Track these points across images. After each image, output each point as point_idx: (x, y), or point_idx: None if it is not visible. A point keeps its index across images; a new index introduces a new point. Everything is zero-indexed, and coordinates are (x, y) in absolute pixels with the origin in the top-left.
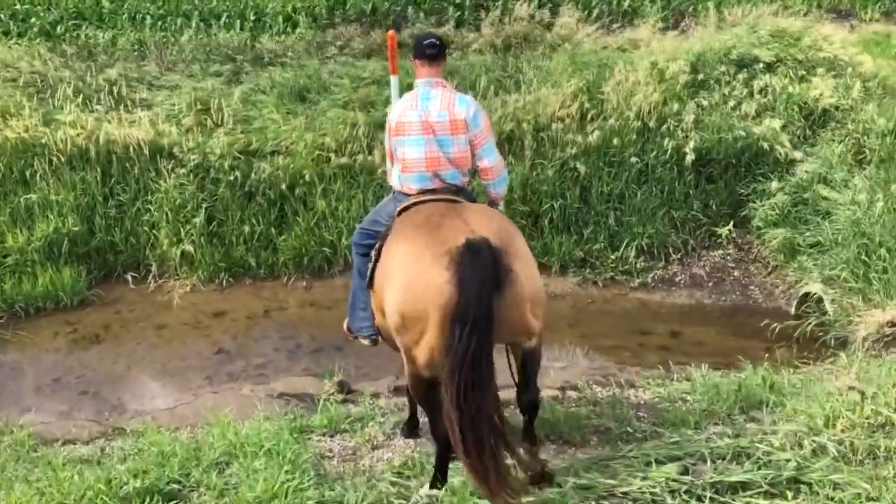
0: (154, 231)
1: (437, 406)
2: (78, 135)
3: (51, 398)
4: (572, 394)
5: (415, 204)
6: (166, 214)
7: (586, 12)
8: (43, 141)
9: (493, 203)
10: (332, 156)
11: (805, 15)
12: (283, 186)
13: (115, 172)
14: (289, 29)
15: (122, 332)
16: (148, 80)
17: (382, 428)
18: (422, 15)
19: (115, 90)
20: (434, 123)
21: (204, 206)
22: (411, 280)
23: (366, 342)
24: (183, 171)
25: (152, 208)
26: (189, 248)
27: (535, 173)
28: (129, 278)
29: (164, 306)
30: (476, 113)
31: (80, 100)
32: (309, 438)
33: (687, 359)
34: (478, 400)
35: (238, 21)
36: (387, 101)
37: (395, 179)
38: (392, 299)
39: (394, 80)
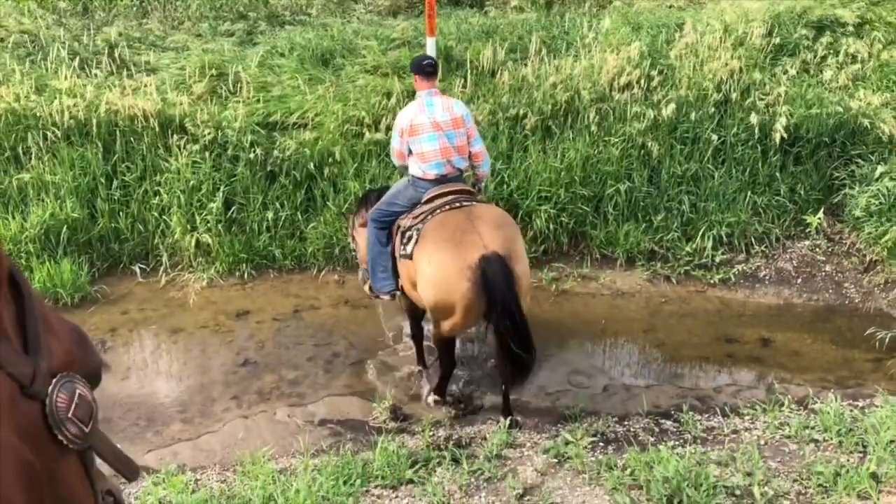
0: (164, 216)
1: (450, 350)
2: (75, 105)
3: None
4: (669, 425)
5: (434, 198)
6: (178, 197)
7: None
8: (36, 112)
9: (479, 179)
10: (366, 131)
11: None
12: (311, 165)
13: (118, 149)
14: None
15: (132, 339)
16: (151, 41)
17: (456, 477)
18: None
19: (116, 53)
20: (441, 122)
21: (221, 187)
22: (443, 284)
23: (386, 297)
24: (196, 147)
25: (162, 190)
26: (205, 237)
27: (596, 151)
28: (138, 270)
29: (179, 305)
30: (467, 113)
31: (76, 63)
32: (366, 489)
33: (785, 373)
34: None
35: None
36: None
37: (415, 169)
38: (428, 292)
39: (430, 42)
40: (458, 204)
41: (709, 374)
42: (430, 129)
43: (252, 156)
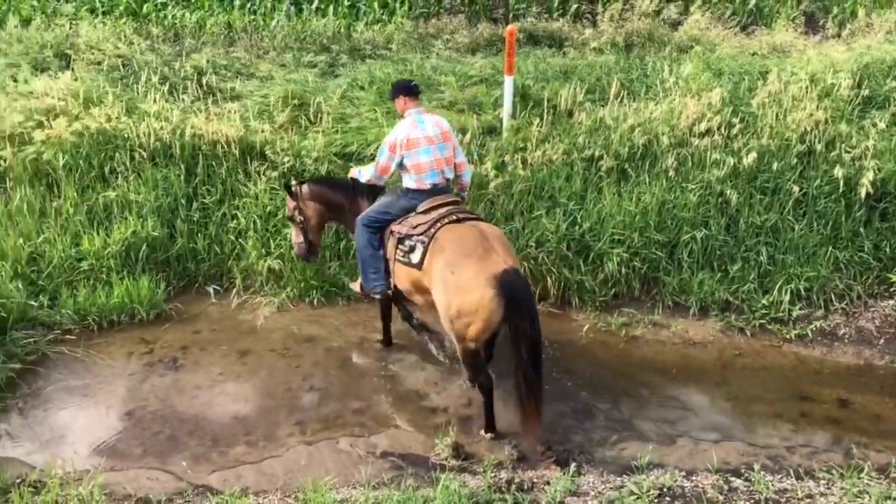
0: (241, 240)
1: (482, 365)
2: (162, 128)
3: (123, 436)
4: (739, 484)
5: (431, 209)
6: (255, 222)
7: (719, 11)
8: (125, 133)
9: (463, 188)
10: None
11: None
12: None
13: (199, 171)
14: (385, 17)
15: (202, 357)
16: (237, 68)
17: None
18: (533, 7)
19: (204, 79)
20: (432, 136)
21: None
22: (469, 291)
23: (377, 296)
24: (275, 174)
25: (240, 214)
26: (278, 262)
27: (673, 196)
28: (212, 291)
29: (249, 328)
30: (450, 128)
31: (165, 88)
32: None
33: (864, 438)
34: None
35: (331, 6)
36: (496, 103)
37: (409, 182)
38: (452, 298)
39: (508, 80)
40: (457, 216)
41: (782, 432)
42: (424, 143)
43: None
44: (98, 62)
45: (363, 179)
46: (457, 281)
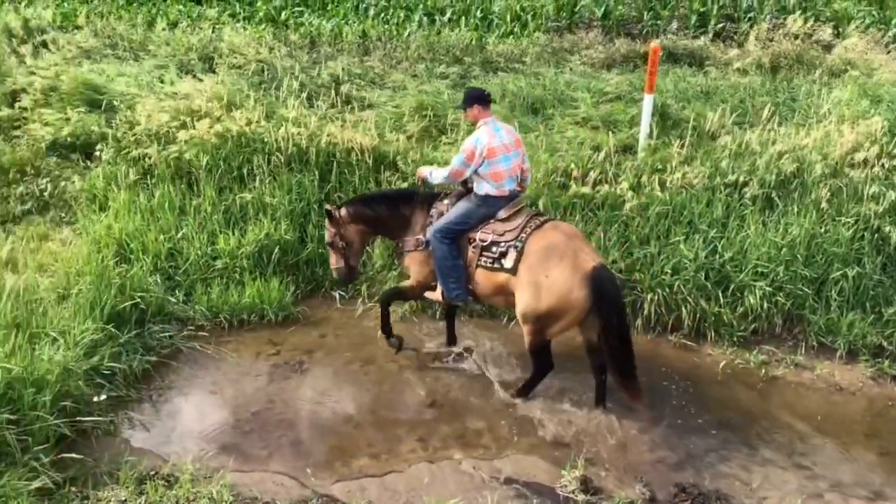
0: (367, 247)
1: (549, 353)
2: (299, 133)
3: (249, 437)
4: None
5: (511, 217)
6: None
7: (879, 34)
8: (264, 137)
9: (522, 191)
10: (573, 183)
11: None
12: None
13: (332, 178)
14: (516, 30)
15: (326, 362)
16: (370, 78)
17: None
18: (673, 24)
19: (341, 88)
20: (508, 145)
21: None
22: (564, 292)
23: (458, 303)
24: (405, 184)
25: None
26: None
27: (824, 230)
28: (337, 296)
29: (372, 336)
30: (520, 136)
31: (304, 95)
32: None
33: None
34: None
35: (463, 18)
36: (633, 122)
37: (488, 188)
38: (544, 299)
39: (647, 99)
40: (540, 221)
41: None
42: (503, 151)
43: None
44: (239, 66)
45: (434, 181)
46: (551, 284)
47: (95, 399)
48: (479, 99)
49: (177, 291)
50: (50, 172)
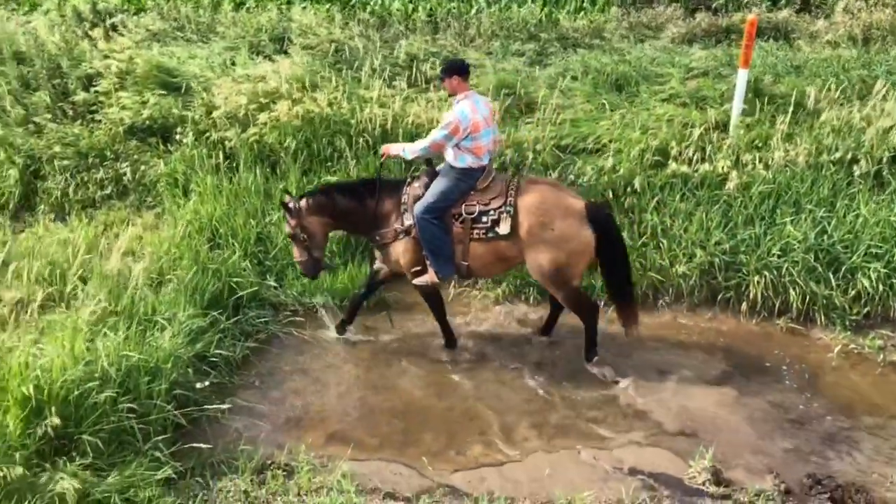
0: None
1: (586, 295)
2: (384, 115)
3: (357, 425)
4: None
5: (490, 185)
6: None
7: None
8: (346, 118)
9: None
10: (672, 162)
11: None
12: (610, 193)
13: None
14: (587, 5)
15: (425, 347)
16: (444, 56)
17: None
18: None
19: (420, 67)
20: (488, 118)
21: None
22: (575, 239)
23: (444, 280)
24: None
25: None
26: None
27: None
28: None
29: (475, 319)
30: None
31: (385, 74)
32: None
33: None
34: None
35: None
36: (723, 98)
37: (469, 161)
38: (556, 252)
39: (742, 73)
40: (515, 182)
41: None
42: (485, 125)
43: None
44: (312, 46)
45: (409, 157)
46: (560, 235)
47: (199, 385)
48: (458, 70)
49: (268, 276)
50: (129, 156)
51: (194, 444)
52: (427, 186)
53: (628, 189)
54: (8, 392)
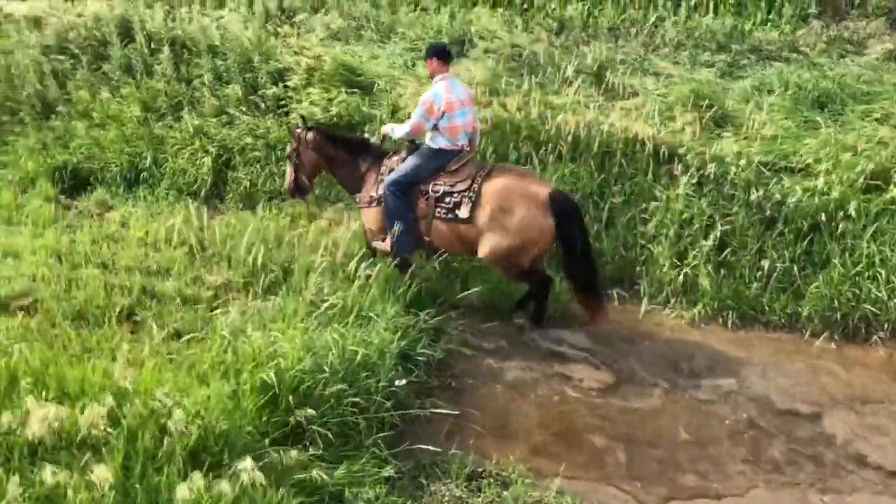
0: (649, 246)
1: (535, 273)
2: (576, 123)
3: (558, 440)
4: None
5: (460, 168)
6: (667, 228)
7: None
8: (535, 125)
9: (472, 149)
10: (893, 187)
11: None
12: (822, 217)
13: (608, 170)
14: (773, 17)
15: (617, 366)
16: (629, 64)
17: None
18: None
19: (607, 75)
20: (463, 100)
21: (717, 225)
22: (532, 225)
23: (406, 255)
24: (692, 179)
25: (649, 218)
26: (694, 274)
27: None
28: (615, 294)
29: (650, 337)
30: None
31: (578, 82)
32: None
33: None
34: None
35: (711, 3)
36: None
37: (442, 142)
38: (513, 238)
39: None
40: (488, 169)
41: None
42: (459, 106)
43: (752, 197)
44: (493, 50)
45: (395, 137)
46: (517, 222)
47: (398, 383)
48: (438, 53)
49: (453, 277)
50: None
51: (419, 446)
52: (404, 161)
53: (840, 213)
54: (243, 375)
